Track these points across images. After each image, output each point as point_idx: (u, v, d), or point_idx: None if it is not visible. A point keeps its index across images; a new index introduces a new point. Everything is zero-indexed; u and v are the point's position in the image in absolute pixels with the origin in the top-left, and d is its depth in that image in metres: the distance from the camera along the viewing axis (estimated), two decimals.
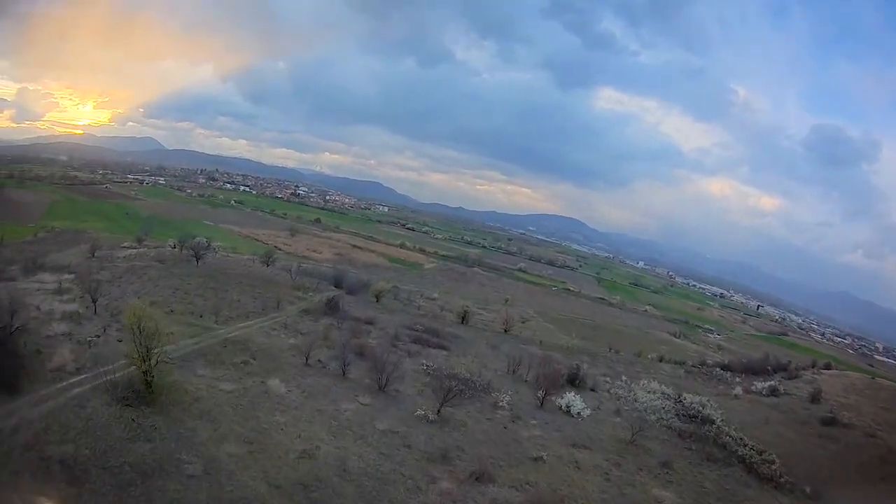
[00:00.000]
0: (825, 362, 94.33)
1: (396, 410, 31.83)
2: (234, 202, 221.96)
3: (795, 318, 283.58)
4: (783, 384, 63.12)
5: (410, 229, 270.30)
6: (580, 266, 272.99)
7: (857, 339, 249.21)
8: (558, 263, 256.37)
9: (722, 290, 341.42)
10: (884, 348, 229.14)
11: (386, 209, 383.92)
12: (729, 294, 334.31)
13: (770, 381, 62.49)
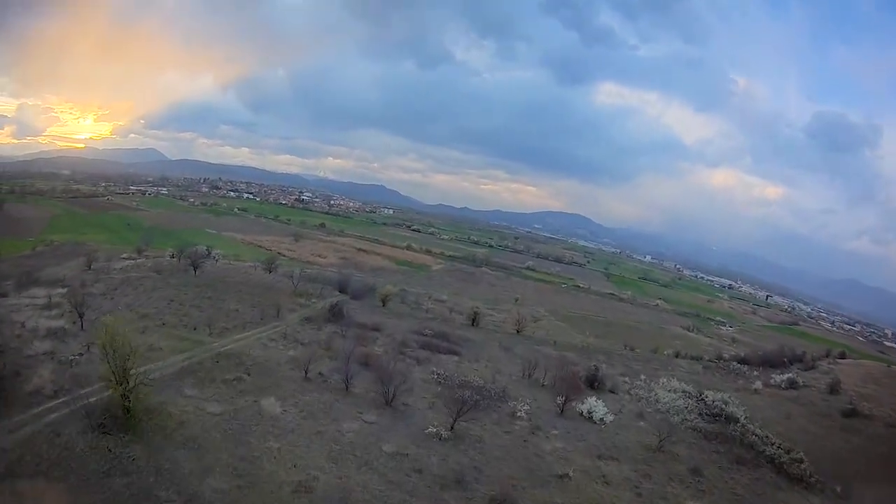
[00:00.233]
0: (840, 351, 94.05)
1: (405, 428, 29.13)
2: (237, 210, 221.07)
3: (805, 308, 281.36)
4: (801, 376, 62.12)
5: (416, 231, 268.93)
6: (588, 262, 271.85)
7: (865, 327, 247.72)
8: (566, 260, 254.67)
9: (730, 282, 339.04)
10: (893, 335, 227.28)
11: (391, 212, 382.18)
12: (737, 285, 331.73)
13: (788, 374, 61.50)
